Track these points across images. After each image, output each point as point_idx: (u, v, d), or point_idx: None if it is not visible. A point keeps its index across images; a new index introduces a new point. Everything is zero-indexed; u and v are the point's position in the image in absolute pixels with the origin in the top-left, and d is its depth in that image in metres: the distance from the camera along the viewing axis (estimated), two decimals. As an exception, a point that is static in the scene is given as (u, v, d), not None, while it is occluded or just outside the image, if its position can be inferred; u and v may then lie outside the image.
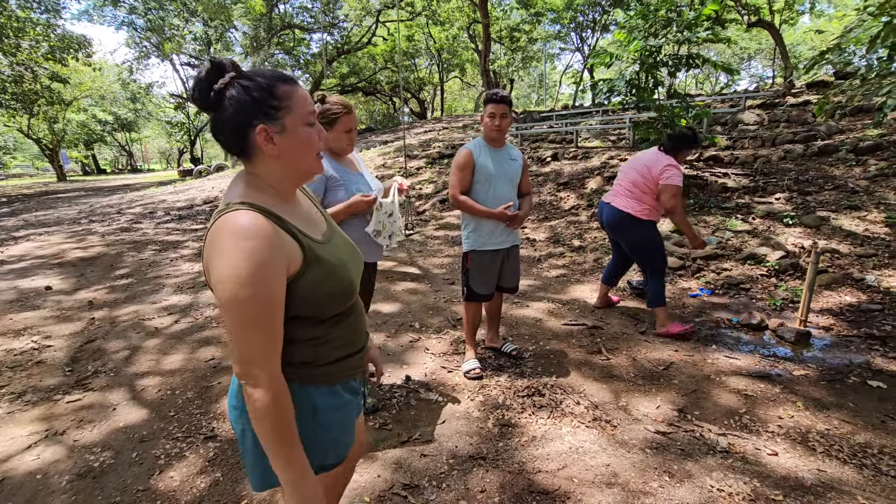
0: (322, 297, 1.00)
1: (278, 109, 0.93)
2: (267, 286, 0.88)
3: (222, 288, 0.87)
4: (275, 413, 0.90)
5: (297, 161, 0.99)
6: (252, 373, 0.89)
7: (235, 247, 0.86)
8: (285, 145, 0.96)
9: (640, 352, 3.12)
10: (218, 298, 0.88)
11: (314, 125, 1.00)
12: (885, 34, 2.65)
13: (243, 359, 0.89)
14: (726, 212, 5.63)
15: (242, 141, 0.95)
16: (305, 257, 0.97)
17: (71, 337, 3.72)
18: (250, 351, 0.88)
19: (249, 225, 0.88)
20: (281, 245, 0.92)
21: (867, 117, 7.37)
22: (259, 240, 0.88)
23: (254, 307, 0.87)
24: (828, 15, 22.58)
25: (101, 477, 2.12)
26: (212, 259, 0.89)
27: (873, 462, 2.02)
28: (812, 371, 2.80)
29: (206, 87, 0.92)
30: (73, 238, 7.95)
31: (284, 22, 22.27)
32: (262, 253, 0.87)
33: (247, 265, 0.86)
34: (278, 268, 0.90)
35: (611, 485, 1.92)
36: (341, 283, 1.04)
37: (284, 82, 0.95)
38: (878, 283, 3.82)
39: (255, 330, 0.88)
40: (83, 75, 27.79)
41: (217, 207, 0.95)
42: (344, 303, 1.06)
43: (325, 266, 1.01)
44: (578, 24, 22.82)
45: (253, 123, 0.93)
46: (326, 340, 1.05)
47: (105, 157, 51.92)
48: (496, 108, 2.61)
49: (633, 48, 5.89)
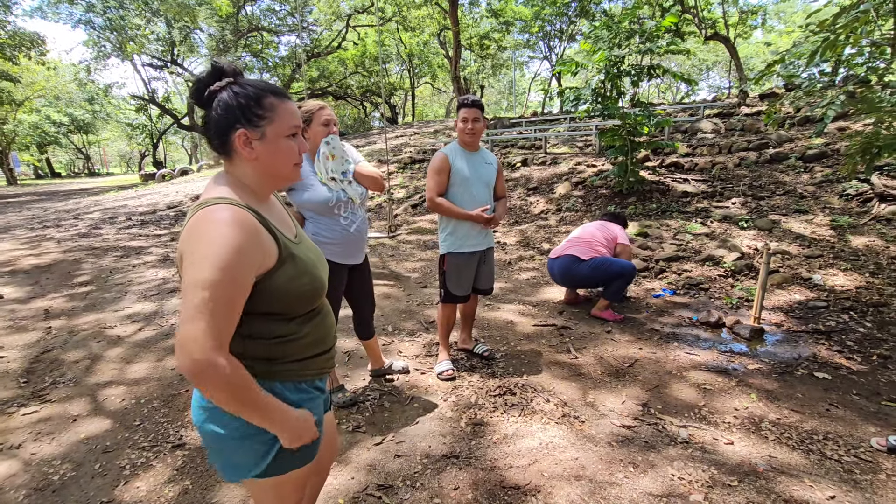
0: (294, 292, 1.04)
1: (261, 118, 1.00)
2: (241, 273, 0.92)
3: (197, 268, 0.89)
4: (240, 381, 0.92)
5: (272, 168, 1.05)
6: (199, 352, 0.87)
7: (217, 233, 0.90)
8: (263, 151, 1.02)
9: (606, 350, 3.24)
10: (187, 279, 0.90)
11: (297, 137, 1.06)
12: (823, 50, 2.87)
13: (191, 337, 0.87)
14: (686, 216, 5.89)
15: (224, 141, 1.01)
16: (281, 253, 1.01)
17: (26, 347, 3.56)
18: (202, 328, 0.88)
19: (232, 216, 0.93)
20: (259, 240, 0.96)
21: (814, 127, 7.85)
22: (240, 230, 0.92)
23: (226, 290, 0.90)
24: (777, 30, 23.92)
25: (62, 490, 2.04)
26: (190, 244, 0.92)
27: (819, 447, 2.17)
28: (765, 365, 2.97)
29: (203, 87, 1.00)
30: (27, 244, 7.57)
31: (252, 24, 21.88)
32: (241, 242, 0.92)
33: (226, 251, 0.89)
34: (253, 259, 0.94)
35: (579, 477, 2.00)
36: (312, 280, 1.08)
37: (274, 95, 1.02)
38: (823, 282, 4.08)
39: (222, 310, 0.90)
40: (36, 74, 26.53)
41: (198, 202, 1.00)
42: (314, 300, 1.10)
43: (299, 263, 1.05)
44: (546, 34, 23.33)
45: (235, 126, 0.99)
46: (296, 339, 1.08)
47: (60, 161, 49.53)
48: (468, 112, 2.68)
49: (598, 58, 6.11)
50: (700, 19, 12.48)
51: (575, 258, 3.80)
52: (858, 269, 4.18)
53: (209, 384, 0.89)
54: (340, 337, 3.43)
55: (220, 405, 0.95)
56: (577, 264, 3.78)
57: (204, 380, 0.88)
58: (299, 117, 1.07)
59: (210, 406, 1.02)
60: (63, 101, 32.49)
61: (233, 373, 0.90)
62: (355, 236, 2.38)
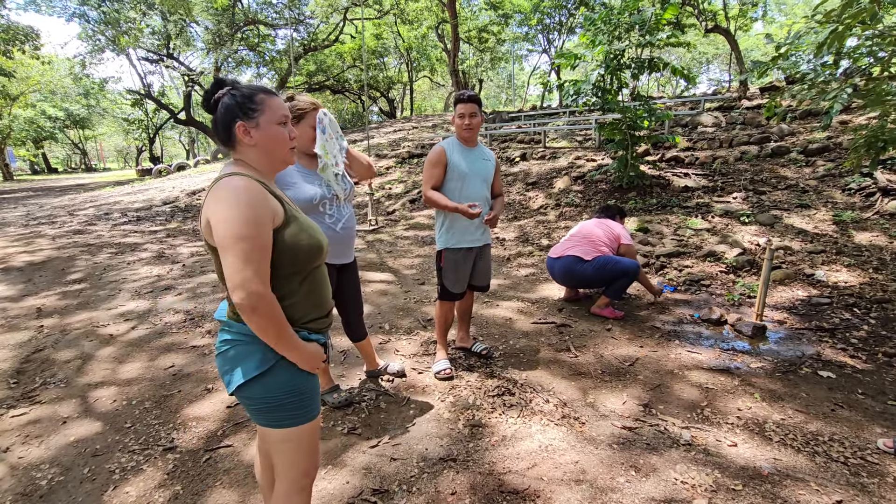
0: (299, 245, 1.24)
1: (255, 111, 1.23)
2: (264, 224, 1.15)
3: (227, 227, 1.11)
4: (277, 316, 1.17)
5: (270, 150, 1.27)
6: (255, 291, 1.11)
7: (237, 197, 1.13)
8: (260, 137, 1.25)
9: (606, 349, 3.18)
10: (221, 238, 1.12)
11: (286, 125, 1.28)
12: (831, 41, 2.80)
13: (246, 283, 1.11)
14: (687, 211, 5.83)
15: (229, 134, 1.24)
16: (286, 214, 1.24)
17: (16, 347, 3.50)
18: (251, 272, 1.11)
19: (246, 183, 1.17)
20: (268, 201, 1.19)
21: (815, 120, 7.78)
22: (254, 194, 1.16)
23: (255, 241, 1.13)
24: (779, 22, 23.74)
25: (49, 495, 1.99)
26: (215, 208, 1.14)
27: (824, 449, 2.12)
28: (768, 363, 2.92)
29: (209, 97, 1.26)
30: (20, 241, 7.50)
31: (248, 17, 21.62)
32: (257, 202, 1.15)
33: (248, 209, 1.13)
34: (268, 214, 1.17)
35: (579, 482, 1.95)
36: (312, 238, 1.29)
37: (264, 93, 1.26)
38: (826, 278, 4.03)
39: (256, 259, 1.13)
40: (31, 69, 26.28)
41: (214, 179, 1.22)
42: (316, 255, 1.30)
43: (301, 223, 1.28)
44: (545, 27, 23.11)
45: (235, 120, 1.22)
46: (296, 300, 1.28)
47: (57, 156, 49.25)
48: (465, 107, 2.63)
49: (598, 52, 6.01)
50: (700, 11, 12.36)
51: (577, 259, 3.73)
52: (862, 265, 4.13)
53: (262, 313, 1.13)
54: (335, 337, 3.37)
55: (262, 333, 1.16)
56: (580, 265, 3.71)
57: (259, 310, 1.12)
58: (287, 110, 1.29)
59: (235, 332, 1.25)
60: (58, 95, 32.15)
61: (277, 306, 1.17)
62: (341, 235, 2.30)
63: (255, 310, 1.12)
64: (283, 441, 1.30)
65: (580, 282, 3.85)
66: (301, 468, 1.34)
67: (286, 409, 1.27)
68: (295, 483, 1.35)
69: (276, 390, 1.26)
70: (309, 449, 1.35)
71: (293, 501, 1.36)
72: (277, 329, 1.17)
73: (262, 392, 1.25)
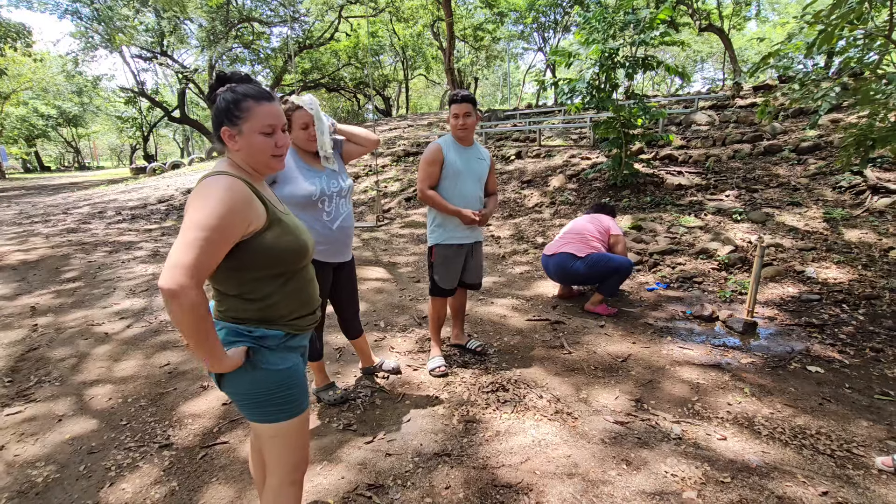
0: (280, 247, 1.25)
1: (238, 118, 1.23)
2: (230, 225, 1.13)
3: (197, 213, 1.11)
4: (196, 313, 1.09)
5: (251, 157, 1.27)
6: (182, 282, 1.06)
7: (216, 193, 1.14)
8: (243, 144, 1.25)
9: (599, 345, 3.22)
10: (187, 220, 1.11)
11: (271, 135, 1.25)
12: (821, 42, 2.83)
13: (178, 269, 1.06)
14: (680, 208, 5.87)
15: (218, 136, 1.27)
16: (269, 217, 1.24)
17: (11, 345, 3.50)
18: (189, 260, 1.07)
19: (228, 183, 1.17)
20: (250, 204, 1.19)
21: (807, 119, 7.84)
22: (235, 194, 1.16)
23: (210, 233, 1.10)
24: (772, 22, 23.87)
25: (45, 493, 2.00)
26: (193, 199, 1.15)
27: (811, 443, 2.16)
28: (758, 359, 2.97)
29: (211, 92, 1.27)
30: (14, 240, 7.46)
31: (242, 14, 21.50)
32: (234, 204, 1.15)
33: (221, 206, 1.12)
34: (243, 218, 1.16)
35: (572, 475, 1.98)
36: (296, 239, 1.29)
37: (253, 99, 1.23)
38: (816, 275, 4.08)
39: (208, 250, 1.10)
40: (22, 66, 26.02)
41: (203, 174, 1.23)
42: (299, 257, 1.30)
43: (285, 227, 1.28)
44: (541, 25, 23.14)
45: (222, 125, 1.24)
46: (281, 298, 1.28)
47: (49, 154, 48.82)
48: (459, 107, 2.65)
49: (593, 52, 6.04)
50: (694, 10, 12.42)
51: (571, 255, 3.77)
52: (851, 262, 4.18)
53: (180, 305, 1.06)
54: (331, 334, 3.39)
55: (178, 325, 1.11)
56: (573, 262, 3.75)
57: (178, 300, 1.06)
58: (277, 117, 1.26)
59: None
60: (51, 93, 31.84)
61: (201, 303, 1.09)
62: (338, 234, 2.27)
63: (174, 297, 1.06)
64: (273, 435, 1.32)
65: (574, 279, 3.88)
66: (291, 462, 1.36)
67: (274, 403, 1.29)
68: (286, 477, 1.37)
69: (264, 385, 1.27)
70: (298, 443, 1.36)
71: (284, 495, 1.38)
72: (192, 324, 1.10)
73: (250, 387, 1.27)
